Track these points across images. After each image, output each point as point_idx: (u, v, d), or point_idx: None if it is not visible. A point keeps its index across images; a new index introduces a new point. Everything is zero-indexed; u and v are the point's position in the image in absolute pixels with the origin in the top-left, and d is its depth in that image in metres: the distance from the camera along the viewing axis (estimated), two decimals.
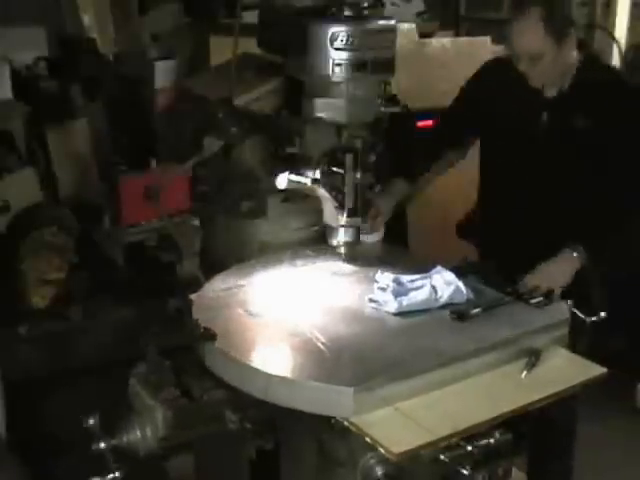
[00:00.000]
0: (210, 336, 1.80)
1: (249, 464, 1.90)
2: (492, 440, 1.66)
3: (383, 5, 2.16)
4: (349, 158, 2.13)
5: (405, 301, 1.98)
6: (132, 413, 1.72)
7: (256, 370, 1.70)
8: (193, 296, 2.04)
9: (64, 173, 2.82)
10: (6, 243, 2.46)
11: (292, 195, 2.40)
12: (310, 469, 1.80)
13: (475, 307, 1.97)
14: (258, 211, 2.44)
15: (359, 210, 2.22)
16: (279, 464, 1.88)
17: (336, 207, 2.22)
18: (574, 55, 2.36)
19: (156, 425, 1.67)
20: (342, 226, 2.24)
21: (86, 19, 3.56)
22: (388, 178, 2.49)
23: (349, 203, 2.19)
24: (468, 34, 4.27)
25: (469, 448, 1.63)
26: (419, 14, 4.21)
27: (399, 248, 2.61)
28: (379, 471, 1.58)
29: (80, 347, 2.35)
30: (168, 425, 1.66)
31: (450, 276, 2.08)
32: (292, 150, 2.22)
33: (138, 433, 1.69)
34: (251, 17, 2.80)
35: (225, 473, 2.05)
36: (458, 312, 1.96)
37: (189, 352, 1.84)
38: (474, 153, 2.72)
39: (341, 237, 2.27)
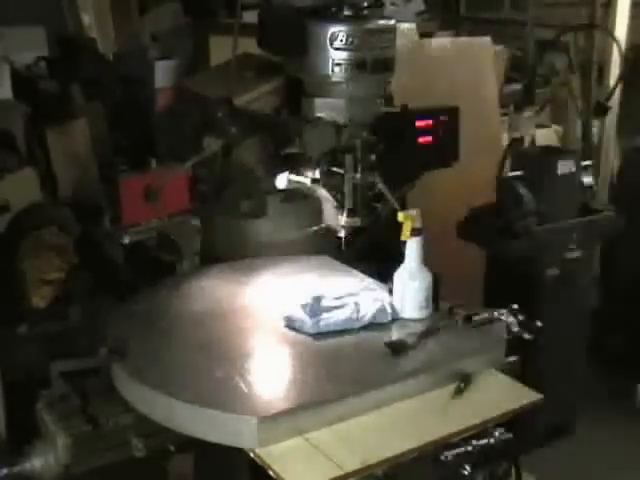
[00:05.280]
0: (117, 358, 1.73)
1: (249, 464, 1.90)
2: (492, 440, 1.65)
3: (383, 5, 2.16)
4: (349, 158, 2.13)
5: (323, 321, 1.88)
6: (36, 439, 1.69)
7: (160, 396, 1.63)
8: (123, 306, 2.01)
9: (64, 173, 2.83)
10: (6, 243, 2.46)
11: (292, 195, 2.40)
12: None
13: (411, 337, 1.84)
14: (258, 211, 2.43)
15: (359, 210, 2.22)
16: None
17: (336, 207, 2.22)
18: None
19: (58, 453, 1.63)
20: (342, 226, 2.24)
21: (86, 19, 3.56)
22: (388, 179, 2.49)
23: (349, 203, 2.18)
24: (468, 34, 4.27)
25: (469, 448, 1.62)
26: (419, 14, 4.21)
27: None
28: (379, 470, 1.57)
29: (80, 347, 2.35)
30: (69, 453, 1.62)
31: (380, 294, 2.00)
32: (292, 150, 2.22)
33: (42, 460, 1.65)
34: (251, 17, 2.79)
35: (225, 473, 2.04)
36: (394, 345, 1.81)
37: (99, 374, 1.78)
38: (476, 153, 2.72)
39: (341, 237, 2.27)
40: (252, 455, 1.53)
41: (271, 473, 1.48)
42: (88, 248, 2.52)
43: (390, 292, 2.02)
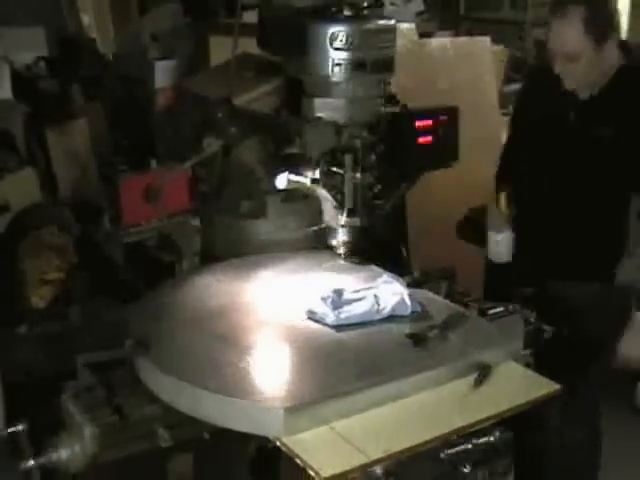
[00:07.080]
0: (142, 349, 1.74)
1: (249, 463, 1.90)
2: (492, 438, 1.66)
3: (383, 5, 2.16)
4: (349, 158, 2.13)
5: (344, 314, 1.89)
6: (61, 430, 1.70)
7: (186, 386, 1.64)
8: (136, 304, 2.01)
9: (64, 173, 2.83)
10: (6, 243, 2.46)
11: (292, 195, 2.40)
12: None
13: (432, 329, 1.85)
14: (258, 211, 2.43)
15: (359, 210, 2.22)
16: (279, 463, 1.88)
17: (336, 207, 2.22)
18: (613, 58, 2.32)
19: (84, 443, 1.64)
20: (342, 226, 2.24)
21: (86, 19, 3.57)
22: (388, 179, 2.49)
23: (349, 203, 2.18)
24: (468, 34, 4.28)
25: (469, 446, 1.63)
26: (419, 14, 4.22)
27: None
28: (379, 469, 1.58)
29: (80, 347, 2.35)
30: (96, 443, 1.64)
31: (398, 287, 2.00)
32: (292, 150, 2.22)
33: (68, 451, 1.66)
34: (251, 17, 2.80)
35: (225, 473, 2.05)
36: (416, 337, 1.83)
37: (125, 366, 1.79)
38: (476, 153, 2.72)
39: (341, 237, 2.27)
40: (279, 444, 1.56)
41: (298, 461, 1.50)
42: (88, 248, 2.52)
43: (408, 285, 2.02)
